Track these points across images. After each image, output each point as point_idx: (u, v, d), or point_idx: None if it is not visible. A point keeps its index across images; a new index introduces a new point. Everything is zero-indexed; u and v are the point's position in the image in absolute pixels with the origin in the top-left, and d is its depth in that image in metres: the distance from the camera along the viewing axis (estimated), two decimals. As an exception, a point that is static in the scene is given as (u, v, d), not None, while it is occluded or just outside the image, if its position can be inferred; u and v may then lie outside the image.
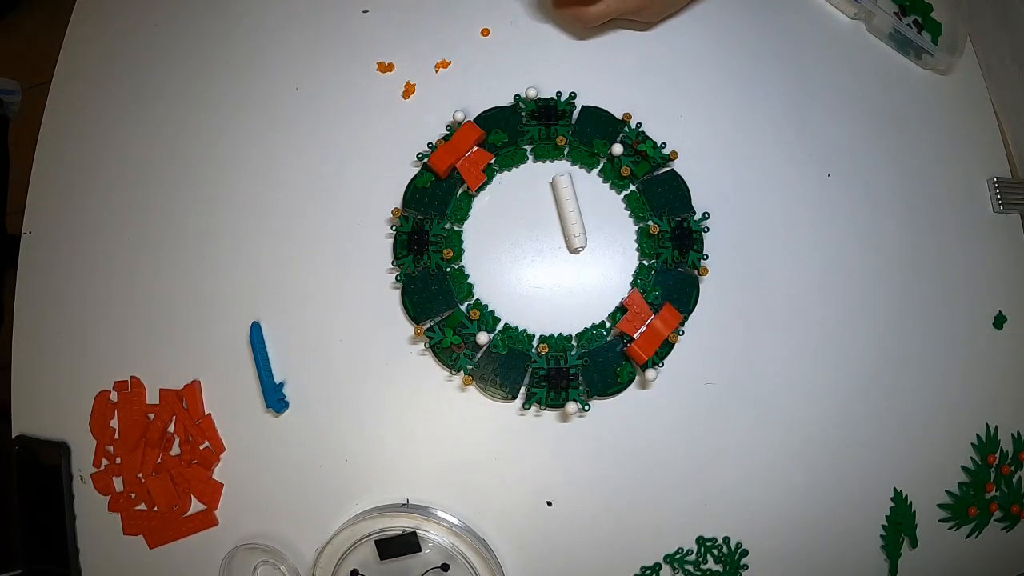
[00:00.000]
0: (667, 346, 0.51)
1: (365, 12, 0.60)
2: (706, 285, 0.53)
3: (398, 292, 0.53)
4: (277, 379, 0.52)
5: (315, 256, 0.54)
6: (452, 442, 0.51)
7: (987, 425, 0.55)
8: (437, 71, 0.57)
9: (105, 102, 0.60)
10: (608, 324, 0.52)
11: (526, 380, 0.51)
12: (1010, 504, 0.54)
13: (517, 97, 0.55)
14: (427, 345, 0.51)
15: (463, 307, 0.52)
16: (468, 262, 0.53)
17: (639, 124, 0.55)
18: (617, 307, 0.52)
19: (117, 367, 0.54)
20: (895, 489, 0.53)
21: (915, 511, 0.53)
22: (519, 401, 0.51)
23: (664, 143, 0.55)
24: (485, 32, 0.58)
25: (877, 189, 0.58)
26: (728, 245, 0.54)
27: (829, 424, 0.53)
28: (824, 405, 0.53)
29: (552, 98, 0.55)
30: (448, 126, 0.55)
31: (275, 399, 0.51)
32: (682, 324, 0.51)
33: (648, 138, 0.54)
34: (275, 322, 0.53)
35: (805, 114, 0.59)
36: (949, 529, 0.54)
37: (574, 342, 0.51)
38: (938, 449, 0.55)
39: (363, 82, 0.58)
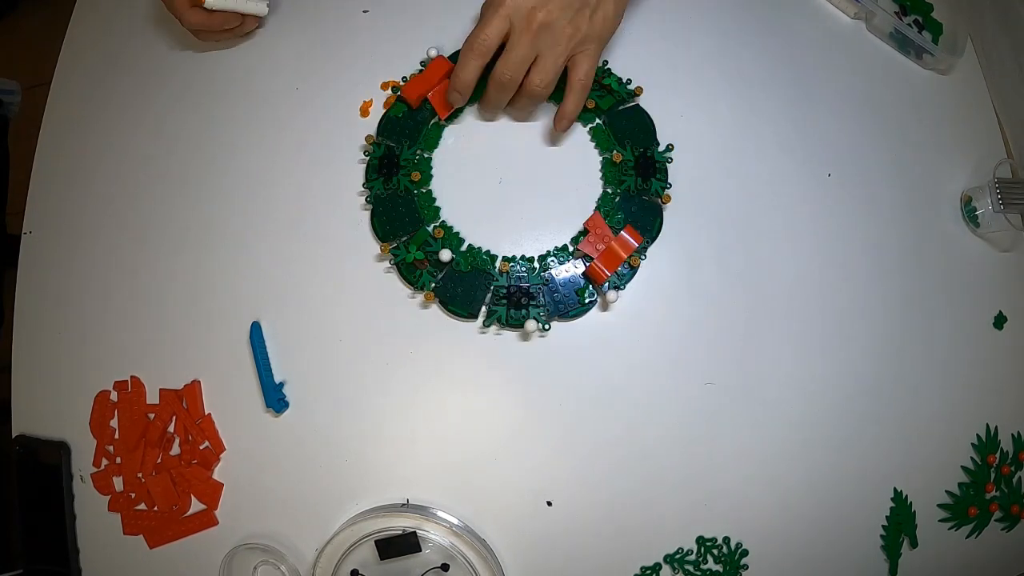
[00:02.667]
0: (630, 271, 0.52)
1: (365, 12, 0.60)
2: (706, 285, 0.53)
3: (398, 293, 0.53)
4: (277, 379, 0.52)
5: (315, 256, 0.54)
6: (452, 442, 0.51)
7: (987, 425, 0.55)
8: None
9: (105, 102, 0.60)
10: (570, 248, 0.52)
11: (487, 299, 0.51)
12: (1010, 504, 0.54)
13: None
14: (392, 262, 0.51)
15: (429, 228, 0.53)
16: (436, 187, 0.54)
17: (605, 61, 0.56)
18: (580, 231, 0.53)
19: (117, 367, 0.54)
20: (895, 489, 0.53)
21: (915, 511, 0.53)
22: (480, 320, 0.51)
23: (629, 79, 0.56)
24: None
25: (877, 189, 0.58)
26: (728, 245, 0.54)
27: (829, 424, 0.53)
28: (824, 405, 0.53)
29: None
30: (422, 61, 0.56)
31: (275, 399, 0.51)
32: (644, 248, 0.52)
33: (612, 73, 0.56)
34: (275, 322, 0.53)
35: (805, 114, 0.59)
36: (949, 529, 0.54)
37: (536, 264, 0.52)
38: (938, 449, 0.55)
39: (363, 82, 0.58)
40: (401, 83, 0.57)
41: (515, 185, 0.55)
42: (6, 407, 0.54)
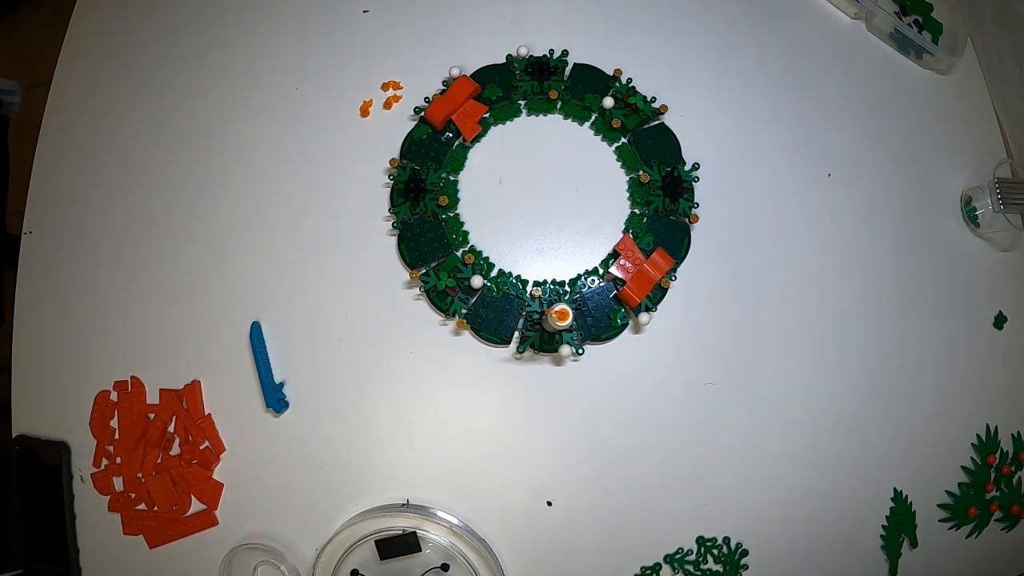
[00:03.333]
0: (660, 291, 0.51)
1: (365, 12, 0.59)
2: (707, 285, 0.53)
3: (398, 293, 0.53)
4: (277, 379, 0.52)
5: (315, 256, 0.54)
6: (452, 442, 0.51)
7: (987, 425, 0.55)
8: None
9: (105, 102, 0.60)
10: (601, 270, 0.52)
11: (520, 324, 0.51)
12: (1010, 504, 0.54)
13: (509, 57, 0.56)
14: (422, 289, 0.51)
15: (458, 253, 0.52)
16: (463, 210, 0.54)
17: (629, 79, 0.56)
18: (610, 253, 0.52)
19: (117, 367, 0.54)
20: (895, 489, 0.53)
21: (915, 511, 0.53)
22: (513, 346, 0.51)
23: (655, 97, 0.55)
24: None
25: (877, 189, 0.58)
26: (728, 244, 0.54)
27: (829, 424, 0.53)
28: (824, 405, 0.53)
29: (545, 55, 0.56)
30: (444, 81, 0.56)
31: (275, 399, 0.51)
32: (674, 269, 0.51)
33: (638, 92, 0.55)
34: (275, 322, 0.53)
35: (805, 114, 0.59)
36: (949, 529, 0.54)
37: (567, 288, 0.52)
38: (938, 449, 0.55)
39: (363, 82, 0.58)
40: (402, 85, 0.57)
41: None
42: (6, 407, 0.54)
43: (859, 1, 0.60)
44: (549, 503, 0.51)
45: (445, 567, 0.48)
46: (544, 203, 0.54)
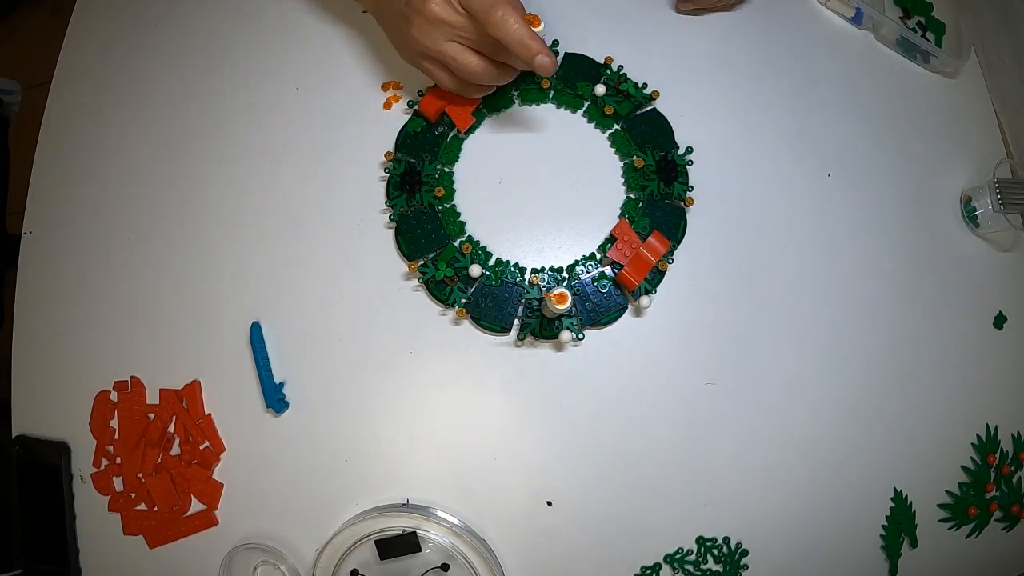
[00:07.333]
0: (658, 274, 0.52)
1: (365, 12, 0.59)
2: (707, 285, 0.53)
3: (398, 292, 0.53)
4: (277, 379, 0.52)
5: (315, 256, 0.54)
6: (452, 442, 0.51)
7: (987, 425, 0.55)
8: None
9: (105, 102, 0.60)
10: (598, 256, 0.52)
11: (519, 312, 0.51)
12: (1010, 504, 0.54)
13: None
14: (421, 280, 0.51)
15: (455, 243, 0.52)
16: (459, 201, 0.54)
17: (620, 67, 0.56)
18: (607, 238, 0.53)
19: (117, 367, 0.54)
20: (895, 489, 0.53)
21: (915, 511, 0.53)
22: (513, 334, 0.51)
23: (645, 83, 0.56)
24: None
25: (877, 189, 0.58)
26: (729, 245, 0.54)
27: (829, 424, 0.53)
28: (824, 405, 0.53)
29: None
30: None
31: (275, 399, 0.51)
32: (671, 252, 0.52)
33: (628, 79, 0.55)
34: (275, 322, 0.53)
35: (806, 114, 0.59)
36: (949, 529, 0.54)
37: (565, 274, 0.52)
38: (938, 449, 0.55)
39: (363, 80, 0.58)
40: (402, 85, 0.57)
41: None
42: (6, 407, 0.54)
43: (862, 11, 0.60)
44: (549, 503, 0.51)
45: (445, 567, 0.48)
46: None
